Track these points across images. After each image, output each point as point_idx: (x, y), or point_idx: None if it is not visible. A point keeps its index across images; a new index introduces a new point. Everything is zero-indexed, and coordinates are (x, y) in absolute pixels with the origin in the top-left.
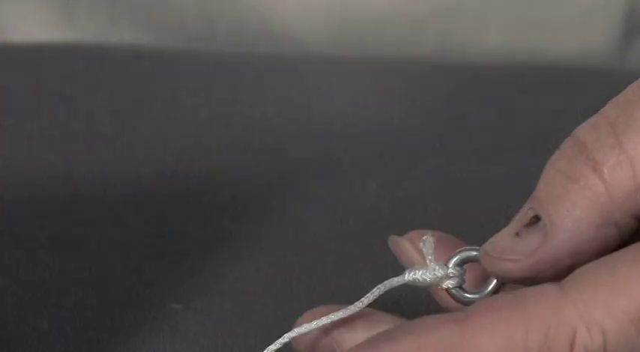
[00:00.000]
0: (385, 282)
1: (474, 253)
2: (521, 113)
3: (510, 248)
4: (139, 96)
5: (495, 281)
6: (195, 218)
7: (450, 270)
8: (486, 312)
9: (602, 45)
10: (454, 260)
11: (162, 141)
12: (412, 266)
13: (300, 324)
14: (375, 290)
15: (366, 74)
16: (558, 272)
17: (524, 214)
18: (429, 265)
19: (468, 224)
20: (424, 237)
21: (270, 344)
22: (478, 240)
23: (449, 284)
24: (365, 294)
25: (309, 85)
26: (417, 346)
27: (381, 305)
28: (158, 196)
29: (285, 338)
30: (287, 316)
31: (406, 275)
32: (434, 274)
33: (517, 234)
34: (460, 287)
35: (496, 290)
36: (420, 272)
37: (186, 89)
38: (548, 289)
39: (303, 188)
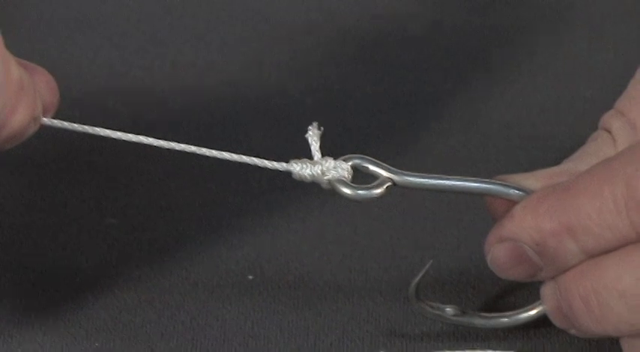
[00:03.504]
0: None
1: (372, 167)
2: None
3: None
4: None
5: (389, 183)
6: None
7: (337, 163)
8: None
9: None
10: (349, 160)
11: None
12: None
13: None
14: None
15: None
16: None
17: None
18: (315, 155)
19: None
20: (309, 128)
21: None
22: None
23: (333, 174)
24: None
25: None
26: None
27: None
28: None
29: None
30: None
31: (293, 165)
32: (320, 166)
33: None
34: (344, 181)
35: (386, 191)
36: (309, 163)
37: None
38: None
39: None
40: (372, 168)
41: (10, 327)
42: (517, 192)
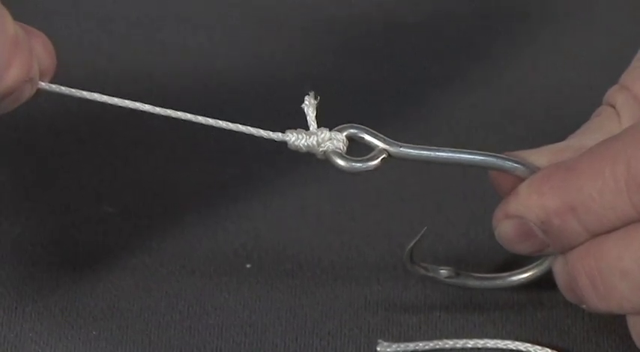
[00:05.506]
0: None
1: (367, 136)
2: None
3: None
4: None
5: (384, 155)
6: None
7: (332, 134)
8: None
9: None
10: (345, 130)
11: None
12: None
13: None
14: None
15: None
16: None
17: None
18: (310, 125)
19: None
20: (306, 97)
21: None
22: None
23: (328, 146)
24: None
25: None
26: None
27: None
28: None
29: None
30: None
31: (289, 135)
32: (315, 137)
33: None
34: (339, 153)
35: (381, 163)
36: (304, 133)
37: None
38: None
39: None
40: (367, 137)
41: (7, 316)
42: (514, 164)
